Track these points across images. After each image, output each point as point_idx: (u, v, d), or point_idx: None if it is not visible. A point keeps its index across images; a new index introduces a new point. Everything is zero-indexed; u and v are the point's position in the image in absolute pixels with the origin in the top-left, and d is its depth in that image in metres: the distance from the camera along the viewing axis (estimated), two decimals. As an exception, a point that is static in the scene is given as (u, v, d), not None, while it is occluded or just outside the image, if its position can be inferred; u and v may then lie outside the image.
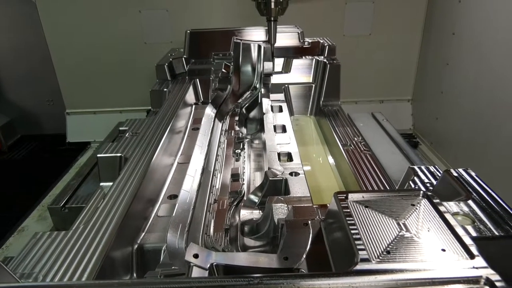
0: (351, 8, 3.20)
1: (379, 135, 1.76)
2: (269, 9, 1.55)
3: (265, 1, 1.53)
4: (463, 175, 0.89)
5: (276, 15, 1.59)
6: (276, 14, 1.58)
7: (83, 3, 3.12)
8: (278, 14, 1.59)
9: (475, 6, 2.55)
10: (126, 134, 1.56)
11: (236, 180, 1.38)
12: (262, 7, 1.56)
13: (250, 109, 1.96)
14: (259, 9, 1.58)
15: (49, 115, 3.62)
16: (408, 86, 3.52)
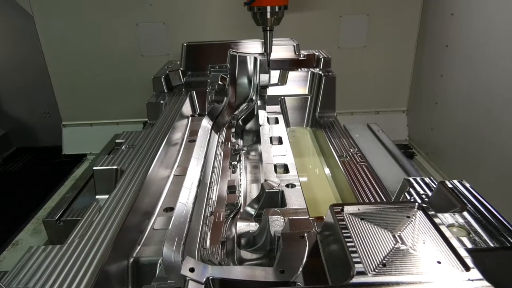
0: (346, 21, 3.24)
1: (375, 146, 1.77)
2: (265, 19, 1.57)
3: (261, 12, 1.55)
4: (458, 186, 0.90)
5: (271, 25, 1.61)
6: (272, 24, 1.60)
7: (80, 16, 3.14)
8: (274, 24, 1.61)
9: (467, 19, 2.59)
10: (123, 146, 1.56)
11: (232, 192, 1.37)
12: (258, 17, 1.59)
13: (247, 121, 1.97)
14: (255, 19, 1.61)
15: (45, 127, 3.61)
16: (403, 97, 3.56)
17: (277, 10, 1.55)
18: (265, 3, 1.51)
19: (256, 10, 1.56)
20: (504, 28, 2.22)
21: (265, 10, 1.54)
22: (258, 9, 1.54)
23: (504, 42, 2.23)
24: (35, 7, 3.11)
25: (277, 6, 1.53)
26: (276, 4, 1.53)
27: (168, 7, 3.15)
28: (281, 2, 1.53)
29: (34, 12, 3.13)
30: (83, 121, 3.50)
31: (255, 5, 1.52)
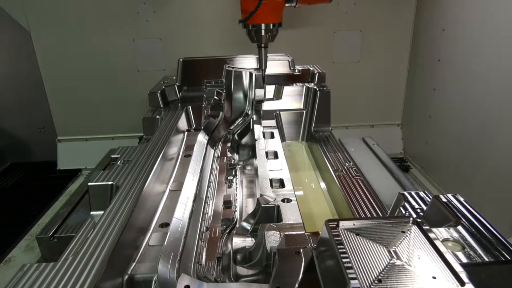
0: (340, 36, 3.30)
1: (370, 160, 1.78)
2: (259, 36, 1.60)
3: (256, 29, 1.58)
4: (452, 200, 0.91)
5: (266, 41, 1.63)
6: (267, 41, 1.63)
7: (77, 32, 3.17)
8: (269, 40, 1.63)
9: (458, 34, 2.64)
10: (118, 161, 1.55)
11: (228, 207, 1.37)
12: (253, 34, 1.61)
13: (242, 136, 1.98)
14: (250, 36, 1.63)
15: (40, 143, 3.60)
16: (398, 110, 3.60)
17: (272, 28, 1.57)
18: (259, 21, 1.54)
19: (250, 28, 1.58)
20: (494, 43, 2.27)
21: (260, 27, 1.57)
22: (253, 26, 1.57)
23: (494, 57, 2.27)
24: (32, 23, 3.14)
25: (271, 23, 1.56)
26: (270, 22, 1.55)
27: (165, 23, 3.19)
28: (276, 19, 1.56)
29: (31, 28, 3.15)
30: (78, 136, 3.49)
31: (249, 23, 1.55)
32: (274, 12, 1.54)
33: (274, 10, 1.53)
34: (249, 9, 1.47)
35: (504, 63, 2.20)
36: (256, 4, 1.44)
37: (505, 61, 2.19)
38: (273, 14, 1.54)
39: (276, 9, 1.53)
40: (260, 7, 1.44)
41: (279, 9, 1.54)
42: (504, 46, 2.19)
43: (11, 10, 3.10)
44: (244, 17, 1.52)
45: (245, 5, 1.50)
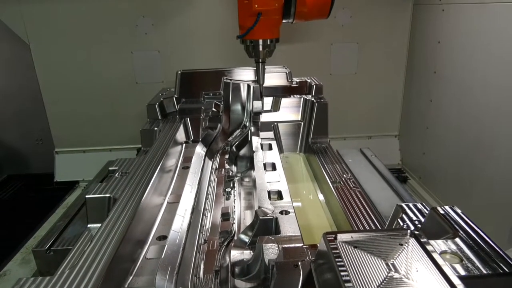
0: (337, 48, 3.33)
1: (368, 171, 1.79)
2: (257, 52, 1.61)
3: (254, 45, 1.59)
4: (450, 212, 0.91)
5: (264, 57, 1.65)
6: (264, 56, 1.64)
7: (77, 45, 3.19)
8: (266, 56, 1.65)
9: (453, 47, 2.68)
10: (116, 174, 1.55)
11: (226, 219, 1.37)
12: (250, 50, 1.63)
13: (240, 147, 1.98)
14: (247, 51, 1.65)
15: (38, 154, 3.59)
16: (395, 122, 3.61)
17: (269, 43, 1.59)
18: (257, 37, 1.56)
19: (248, 43, 1.60)
20: (489, 55, 2.30)
21: (257, 43, 1.58)
22: (251, 42, 1.58)
23: (489, 68, 2.30)
24: (31, 35, 3.16)
25: (269, 39, 1.57)
26: (268, 38, 1.57)
27: (163, 36, 3.22)
28: (273, 35, 1.57)
29: (30, 40, 3.17)
30: (76, 148, 3.49)
31: (247, 39, 1.56)
32: (272, 28, 1.55)
33: (272, 26, 1.54)
34: (247, 25, 1.49)
35: (499, 75, 2.23)
36: (253, 20, 1.46)
37: (500, 72, 2.22)
38: (270, 30, 1.55)
39: (273, 25, 1.55)
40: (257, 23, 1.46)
41: (277, 25, 1.56)
42: (499, 58, 2.22)
43: (11, 22, 3.13)
44: (242, 33, 1.54)
45: (243, 21, 1.52)
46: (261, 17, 1.45)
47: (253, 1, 1.43)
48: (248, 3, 1.45)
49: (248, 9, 1.46)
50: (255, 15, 1.45)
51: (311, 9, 1.48)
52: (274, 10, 1.46)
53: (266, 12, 1.46)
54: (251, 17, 1.46)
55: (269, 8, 1.45)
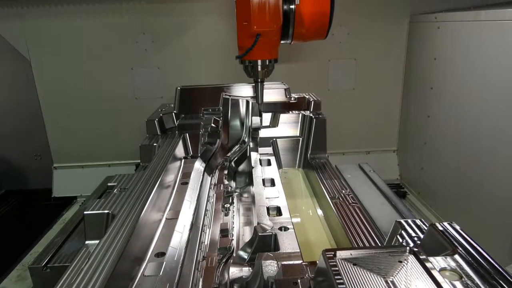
0: (335, 65, 3.38)
1: (367, 187, 1.78)
2: (256, 72, 1.63)
3: (252, 65, 1.61)
4: (448, 229, 0.91)
5: (263, 77, 1.67)
6: (263, 76, 1.66)
7: (77, 61, 3.23)
8: (265, 76, 1.67)
9: (449, 63, 2.72)
10: (115, 189, 1.55)
11: (225, 236, 1.36)
12: (249, 70, 1.64)
13: (239, 163, 1.99)
14: (246, 71, 1.66)
15: (36, 170, 3.58)
16: (393, 137, 3.63)
17: (268, 64, 1.61)
18: (256, 57, 1.58)
19: (247, 63, 1.62)
20: (484, 71, 2.33)
21: (256, 63, 1.60)
22: (249, 62, 1.60)
23: (485, 84, 2.33)
24: (32, 51, 3.20)
25: (267, 59, 1.60)
26: (266, 58, 1.59)
27: (163, 52, 3.26)
28: (272, 56, 1.60)
29: (31, 56, 3.21)
30: (75, 163, 3.48)
31: (246, 59, 1.59)
32: (270, 49, 1.57)
33: (270, 47, 1.57)
34: (246, 46, 1.51)
35: (494, 91, 2.25)
36: (252, 41, 1.48)
37: (495, 88, 2.24)
38: (269, 51, 1.57)
39: (272, 46, 1.57)
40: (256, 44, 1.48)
41: (275, 46, 1.58)
42: (494, 74, 2.25)
43: (12, 38, 3.17)
44: (241, 54, 1.56)
45: (241, 42, 1.54)
46: (260, 38, 1.47)
47: (252, 22, 1.46)
48: (247, 25, 1.47)
49: (247, 30, 1.48)
50: (254, 36, 1.47)
51: (309, 30, 1.50)
52: (272, 31, 1.49)
53: (265, 33, 1.48)
54: (250, 38, 1.48)
55: (268, 30, 1.47)
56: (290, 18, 1.46)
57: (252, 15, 1.45)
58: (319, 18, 1.47)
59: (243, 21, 1.48)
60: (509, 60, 2.13)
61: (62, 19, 3.13)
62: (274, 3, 1.43)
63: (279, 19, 1.46)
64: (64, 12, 3.11)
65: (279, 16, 1.46)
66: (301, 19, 1.46)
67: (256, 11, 1.44)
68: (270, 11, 1.44)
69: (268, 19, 1.45)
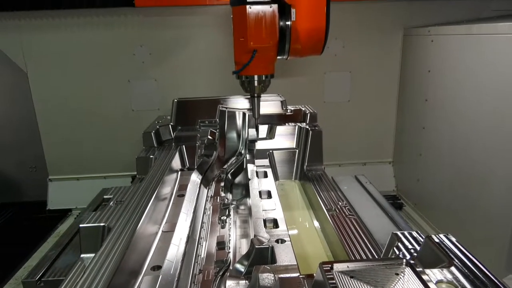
0: (330, 77, 3.41)
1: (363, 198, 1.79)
2: (252, 87, 1.64)
3: (249, 80, 1.63)
4: (444, 241, 0.91)
5: (259, 92, 1.68)
6: (259, 91, 1.67)
7: (74, 73, 3.24)
8: (261, 91, 1.68)
9: (443, 76, 2.76)
10: (111, 202, 1.54)
11: (222, 249, 1.35)
12: (246, 85, 1.66)
13: (236, 175, 1.99)
14: (243, 86, 1.68)
15: (31, 182, 3.56)
16: (389, 148, 3.65)
17: (264, 79, 1.63)
18: (252, 73, 1.59)
19: (244, 79, 1.63)
20: (477, 83, 2.37)
21: (253, 78, 1.62)
22: (246, 77, 1.62)
23: (479, 95, 2.36)
24: (29, 64, 3.21)
25: (264, 75, 1.61)
26: (263, 74, 1.61)
27: (160, 64, 3.28)
28: (268, 71, 1.61)
29: (28, 69, 3.22)
30: (70, 175, 3.46)
31: (243, 74, 1.60)
32: (267, 65, 1.59)
33: (267, 63, 1.58)
34: (243, 61, 1.53)
35: (488, 102, 2.28)
36: (249, 57, 1.50)
37: (489, 100, 2.27)
38: (265, 67, 1.59)
39: (268, 62, 1.59)
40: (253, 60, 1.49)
41: (272, 62, 1.60)
42: (486, 86, 2.29)
43: (9, 51, 3.18)
44: (238, 69, 1.58)
45: (238, 58, 1.56)
46: (256, 54, 1.49)
47: (248, 38, 1.47)
48: (243, 41, 1.49)
49: (243, 46, 1.50)
50: (251, 52, 1.49)
51: (305, 46, 1.52)
52: (269, 47, 1.51)
53: (261, 49, 1.50)
54: (246, 54, 1.50)
55: (264, 46, 1.49)
56: (286, 34, 1.48)
57: (248, 31, 1.46)
58: (315, 34, 1.49)
59: (240, 37, 1.50)
60: (501, 73, 2.17)
61: (60, 31, 3.15)
62: (270, 20, 1.45)
63: (275, 35, 1.48)
64: (62, 25, 3.13)
65: (276, 32, 1.48)
66: (297, 35, 1.48)
67: (252, 28, 1.46)
68: (266, 27, 1.46)
69: (265, 35, 1.47)
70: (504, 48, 2.14)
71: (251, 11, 1.45)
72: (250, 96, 1.72)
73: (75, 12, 3.09)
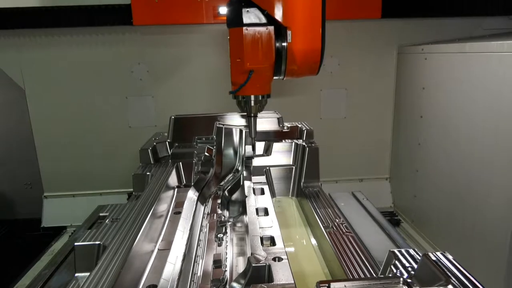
0: (326, 94, 3.45)
1: (360, 215, 1.78)
2: (249, 107, 1.66)
3: (245, 100, 1.64)
4: (441, 259, 0.91)
5: (256, 112, 1.69)
6: (256, 111, 1.69)
7: (72, 91, 3.26)
8: (258, 111, 1.69)
9: (437, 93, 2.79)
10: (106, 220, 1.53)
11: (218, 267, 1.34)
12: (242, 105, 1.67)
13: (233, 192, 1.98)
14: (239, 106, 1.69)
15: (26, 199, 3.53)
16: (385, 165, 3.66)
17: (261, 99, 1.64)
18: (249, 93, 1.61)
19: (240, 99, 1.65)
20: (471, 99, 2.40)
21: (249, 98, 1.63)
22: (243, 97, 1.64)
23: (473, 112, 2.39)
24: (27, 81, 3.23)
25: (260, 95, 1.63)
26: (259, 94, 1.62)
27: (157, 82, 3.31)
28: (264, 91, 1.63)
29: (26, 86, 3.23)
30: (66, 192, 3.44)
31: (239, 94, 1.62)
32: (263, 85, 1.61)
33: (263, 83, 1.60)
34: (239, 82, 1.55)
35: (481, 118, 2.31)
36: (245, 77, 1.52)
37: (482, 115, 2.30)
38: (262, 87, 1.61)
39: (265, 82, 1.60)
40: (249, 80, 1.51)
41: (268, 82, 1.62)
42: (480, 101, 2.32)
43: (8, 68, 3.20)
44: (234, 89, 1.59)
45: (235, 78, 1.58)
46: (252, 74, 1.51)
47: (245, 59, 1.50)
48: (240, 61, 1.51)
49: (240, 67, 1.52)
50: (247, 73, 1.51)
51: (301, 67, 1.54)
52: (265, 68, 1.52)
53: (258, 70, 1.52)
54: (243, 74, 1.52)
55: (261, 66, 1.51)
56: (282, 55, 1.50)
57: (245, 52, 1.49)
58: (310, 55, 1.52)
59: (237, 58, 1.52)
60: (492, 89, 2.20)
61: (58, 49, 3.18)
62: (266, 41, 1.48)
63: (271, 57, 1.51)
64: (61, 42, 3.17)
65: (272, 53, 1.50)
66: (293, 56, 1.50)
67: (249, 49, 1.48)
68: (262, 48, 1.48)
69: (261, 56, 1.50)
70: (495, 66, 2.18)
71: (248, 33, 1.48)
72: (247, 116, 1.72)
73: (74, 30, 3.13)
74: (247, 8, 1.48)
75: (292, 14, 1.46)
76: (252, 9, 1.48)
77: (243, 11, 1.48)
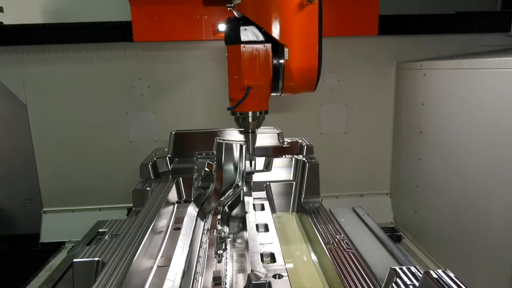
0: (326, 109, 3.47)
1: (361, 231, 1.77)
2: (247, 123, 1.67)
3: (243, 116, 1.66)
4: (443, 276, 0.90)
5: (253, 128, 1.70)
6: (254, 127, 1.70)
7: (73, 106, 3.28)
8: (256, 127, 1.70)
9: (436, 108, 2.81)
10: (105, 236, 1.52)
11: (218, 284, 1.33)
12: (240, 121, 1.69)
13: (233, 207, 1.97)
14: (237, 122, 1.71)
15: (25, 214, 3.50)
16: (385, 180, 3.66)
17: (259, 115, 1.66)
18: (246, 109, 1.62)
19: (238, 115, 1.66)
20: (471, 115, 2.41)
21: (247, 115, 1.65)
22: (240, 114, 1.65)
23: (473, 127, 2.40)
24: (29, 96, 3.25)
25: (258, 111, 1.64)
26: (257, 110, 1.64)
27: (158, 97, 3.33)
28: (262, 108, 1.65)
29: (28, 101, 3.25)
30: (65, 207, 3.42)
31: (237, 111, 1.63)
32: (261, 101, 1.63)
33: (261, 100, 1.62)
34: (237, 98, 1.57)
35: (481, 134, 2.31)
36: (243, 94, 1.54)
37: (481, 130, 2.31)
38: (259, 103, 1.63)
39: (262, 99, 1.62)
40: (247, 96, 1.53)
41: (266, 99, 1.64)
42: (478, 117, 2.33)
43: (10, 83, 3.23)
44: (232, 105, 1.61)
45: (233, 94, 1.60)
46: (250, 91, 1.53)
47: (243, 76, 1.52)
48: (238, 78, 1.53)
49: (238, 83, 1.54)
50: (245, 89, 1.53)
51: (298, 83, 1.56)
52: (263, 85, 1.55)
53: (255, 87, 1.54)
54: (241, 90, 1.54)
55: (258, 83, 1.54)
56: (280, 72, 1.52)
57: (243, 69, 1.51)
58: (307, 72, 1.54)
59: (234, 75, 1.54)
60: (490, 105, 2.22)
61: (61, 65, 3.22)
62: (264, 58, 1.51)
63: (269, 73, 1.53)
64: (63, 58, 3.21)
65: (269, 70, 1.52)
66: (290, 73, 1.52)
67: (247, 66, 1.50)
68: (260, 65, 1.51)
69: (259, 73, 1.52)
70: (493, 82, 2.20)
71: (245, 50, 1.50)
72: (245, 132, 1.73)
73: (76, 46, 3.18)
74: (245, 26, 1.51)
75: (289, 32, 1.49)
76: (250, 27, 1.51)
77: (241, 29, 1.51)
